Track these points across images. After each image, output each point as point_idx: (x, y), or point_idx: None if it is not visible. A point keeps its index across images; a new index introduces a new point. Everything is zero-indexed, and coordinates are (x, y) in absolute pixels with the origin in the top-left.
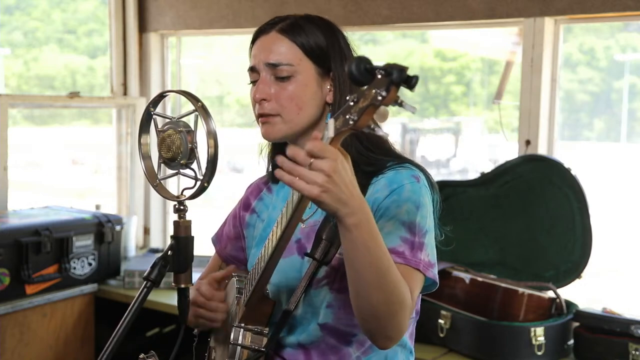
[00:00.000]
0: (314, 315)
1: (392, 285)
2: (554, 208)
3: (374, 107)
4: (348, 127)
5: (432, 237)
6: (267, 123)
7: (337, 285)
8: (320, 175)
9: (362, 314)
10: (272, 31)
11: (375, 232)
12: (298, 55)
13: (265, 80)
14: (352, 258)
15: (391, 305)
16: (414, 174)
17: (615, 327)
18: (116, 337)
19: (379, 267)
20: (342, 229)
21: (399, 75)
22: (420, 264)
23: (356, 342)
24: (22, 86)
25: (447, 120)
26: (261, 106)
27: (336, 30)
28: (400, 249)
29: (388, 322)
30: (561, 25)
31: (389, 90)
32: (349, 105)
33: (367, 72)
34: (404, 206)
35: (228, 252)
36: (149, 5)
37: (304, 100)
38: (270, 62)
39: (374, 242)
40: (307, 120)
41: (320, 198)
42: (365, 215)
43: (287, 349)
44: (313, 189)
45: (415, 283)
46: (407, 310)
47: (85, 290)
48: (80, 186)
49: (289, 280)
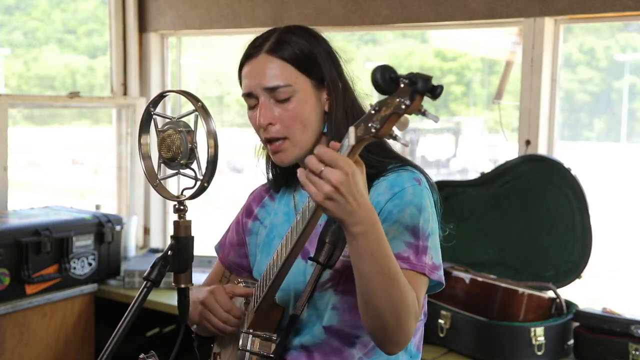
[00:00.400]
0: (318, 317)
1: (399, 293)
2: (554, 208)
3: (397, 116)
4: (370, 135)
5: (435, 239)
6: (279, 151)
7: (342, 288)
8: (327, 185)
9: (369, 321)
10: (261, 54)
11: (382, 240)
12: (293, 73)
13: (265, 104)
14: (358, 265)
15: (398, 312)
16: (415, 176)
17: (615, 327)
18: (116, 337)
19: (386, 275)
20: (349, 236)
21: (424, 84)
22: (426, 267)
23: (360, 344)
24: (22, 86)
25: (447, 120)
26: (267, 131)
27: (318, 36)
28: (405, 254)
29: (395, 328)
30: (561, 25)
31: (414, 99)
32: (371, 113)
33: (391, 80)
34: (407, 210)
35: (231, 259)
36: (149, 5)
37: (306, 117)
38: (267, 86)
39: (381, 250)
40: (313, 136)
41: (324, 205)
42: (372, 224)
43: (290, 351)
44: (318, 195)
45: (421, 288)
46: (414, 316)
47: (85, 290)
48: (80, 186)
49: (295, 284)
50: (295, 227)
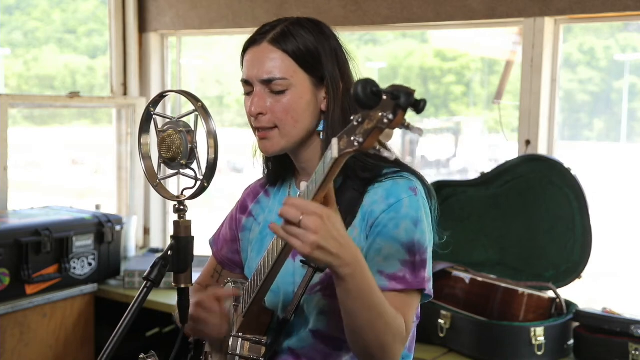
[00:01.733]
0: (305, 321)
1: (385, 326)
2: (554, 208)
3: (379, 130)
4: (353, 149)
5: (430, 251)
6: (265, 139)
7: (330, 292)
8: (312, 235)
9: (356, 349)
10: (264, 42)
11: (369, 278)
12: (291, 67)
13: (260, 93)
14: (346, 304)
15: (385, 343)
16: (411, 185)
17: (615, 327)
18: (116, 337)
19: (373, 310)
20: (336, 278)
21: (406, 99)
22: (424, 282)
23: (346, 347)
24: (22, 86)
25: (447, 120)
26: (258, 120)
27: (328, 32)
28: (401, 274)
29: (381, 356)
30: (561, 25)
31: (396, 114)
32: (353, 125)
33: (373, 94)
34: (402, 224)
35: (224, 254)
36: (149, 5)
37: (299, 112)
38: (264, 78)
39: (368, 287)
40: (304, 132)
41: (313, 255)
42: (358, 264)
43: (278, 355)
44: (305, 248)
45: (413, 305)
46: (401, 342)
47: (85, 290)
48: (80, 186)
49: (283, 285)
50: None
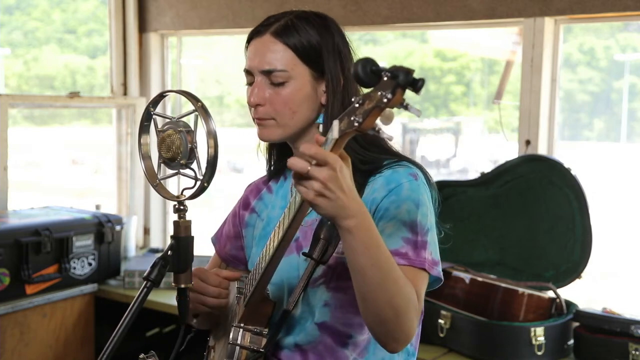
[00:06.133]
0: (310, 314)
1: (396, 286)
2: (554, 208)
3: (379, 110)
4: (353, 129)
5: (434, 235)
6: (262, 125)
7: (334, 284)
8: (316, 183)
9: (369, 318)
10: (267, 34)
11: (374, 233)
12: (292, 60)
13: (259, 84)
14: (353, 260)
15: (397, 307)
16: (411, 171)
17: (615, 327)
18: (116, 337)
19: (381, 268)
20: (342, 232)
21: (405, 77)
22: (425, 263)
23: (352, 344)
24: (22, 86)
25: (447, 120)
26: (256, 110)
27: (333, 27)
28: (403, 250)
29: (395, 324)
30: (561, 25)
31: (395, 92)
32: (354, 107)
33: (373, 73)
34: (404, 205)
35: (227, 251)
36: (149, 5)
37: (298, 105)
38: (264, 69)
39: (374, 243)
40: (301, 124)
41: (315, 202)
42: (363, 217)
43: (284, 350)
44: (308, 193)
45: (421, 283)
46: (414, 311)
47: (85, 290)
48: (80, 186)
49: (288, 279)
50: (282, 221)
